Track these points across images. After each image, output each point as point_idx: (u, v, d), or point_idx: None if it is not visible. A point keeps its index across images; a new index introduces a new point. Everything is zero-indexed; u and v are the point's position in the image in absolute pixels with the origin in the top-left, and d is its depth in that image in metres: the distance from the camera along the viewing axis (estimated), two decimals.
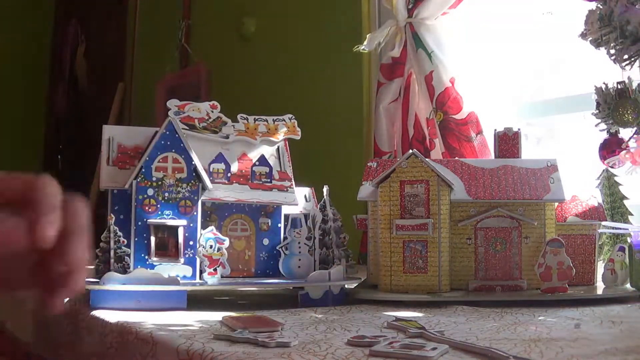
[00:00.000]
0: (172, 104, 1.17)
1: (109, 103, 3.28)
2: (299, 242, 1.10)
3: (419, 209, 1.01)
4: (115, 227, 1.01)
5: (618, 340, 0.67)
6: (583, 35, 1.20)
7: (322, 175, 0.98)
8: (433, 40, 1.67)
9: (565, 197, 1.06)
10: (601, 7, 1.16)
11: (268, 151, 1.20)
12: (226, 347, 0.61)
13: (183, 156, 1.06)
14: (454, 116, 1.58)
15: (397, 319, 0.75)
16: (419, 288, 1.00)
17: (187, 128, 1.14)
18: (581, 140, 1.57)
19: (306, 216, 1.13)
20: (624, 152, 1.19)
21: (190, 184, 1.06)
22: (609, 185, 1.26)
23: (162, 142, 1.06)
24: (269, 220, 1.15)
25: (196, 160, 1.06)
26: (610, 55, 1.16)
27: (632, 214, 1.25)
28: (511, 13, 1.74)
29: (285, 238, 1.11)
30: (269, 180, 1.17)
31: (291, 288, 1.09)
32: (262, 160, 1.18)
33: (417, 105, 1.73)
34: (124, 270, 0.99)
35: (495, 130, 1.16)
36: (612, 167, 1.24)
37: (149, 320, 0.82)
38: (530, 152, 1.88)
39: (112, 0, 3.52)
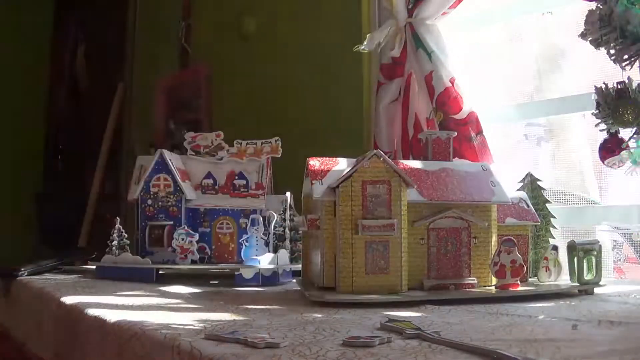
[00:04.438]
0: (188, 135, 1.62)
1: (109, 103, 3.27)
2: (257, 237, 1.41)
3: (381, 209, 1.01)
4: (120, 226, 1.53)
5: (616, 341, 0.67)
6: (583, 35, 1.19)
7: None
8: (433, 40, 1.67)
9: (509, 199, 1.13)
10: (601, 7, 1.15)
11: (252, 167, 1.58)
12: (215, 347, 0.61)
13: (170, 176, 1.52)
14: (454, 116, 1.58)
15: (391, 320, 0.74)
16: (381, 289, 1.00)
17: (194, 153, 1.61)
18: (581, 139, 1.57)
19: (264, 217, 1.45)
20: (625, 152, 1.18)
21: (175, 195, 1.52)
22: (532, 189, 1.32)
23: (157, 167, 1.53)
24: (247, 221, 1.47)
25: (178, 179, 1.52)
26: (610, 55, 1.15)
27: (554, 217, 1.31)
28: (511, 12, 1.74)
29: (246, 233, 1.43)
30: (246, 190, 1.56)
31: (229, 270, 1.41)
32: (241, 175, 1.58)
33: (417, 105, 1.72)
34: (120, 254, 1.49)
35: (429, 135, 1.22)
36: (612, 167, 1.23)
37: (146, 319, 0.81)
38: (530, 152, 1.87)
39: (112, 0, 3.51)
